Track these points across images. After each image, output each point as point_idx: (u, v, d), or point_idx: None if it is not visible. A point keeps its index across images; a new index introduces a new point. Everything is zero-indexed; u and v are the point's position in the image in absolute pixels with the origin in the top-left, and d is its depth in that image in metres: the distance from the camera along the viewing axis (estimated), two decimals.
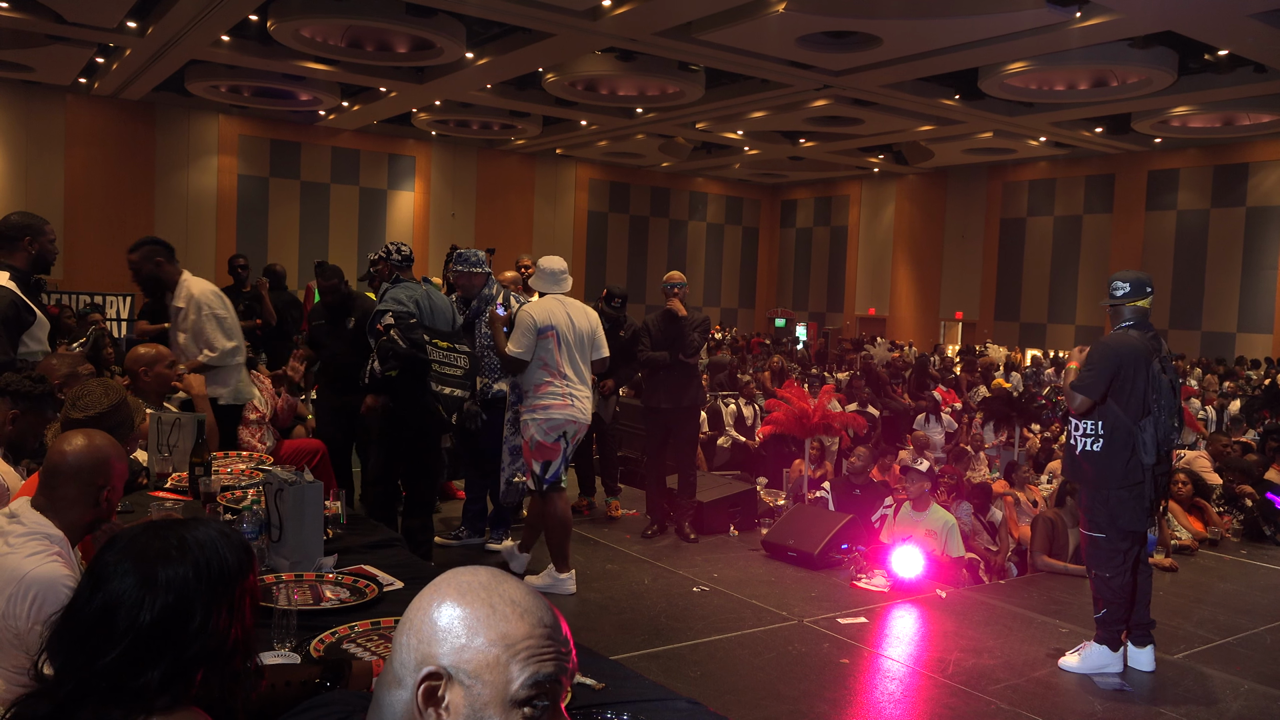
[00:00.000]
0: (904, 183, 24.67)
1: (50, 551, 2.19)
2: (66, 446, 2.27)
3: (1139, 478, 4.15)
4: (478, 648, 1.09)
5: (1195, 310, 19.45)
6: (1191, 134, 17.61)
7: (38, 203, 16.68)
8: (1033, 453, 9.67)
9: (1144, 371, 4.12)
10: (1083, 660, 4.29)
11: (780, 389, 8.79)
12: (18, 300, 3.95)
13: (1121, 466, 4.15)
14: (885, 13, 11.42)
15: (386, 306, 4.92)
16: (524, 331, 4.82)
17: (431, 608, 1.12)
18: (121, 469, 2.34)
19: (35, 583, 2.10)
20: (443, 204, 22.29)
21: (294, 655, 2.21)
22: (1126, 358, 4.12)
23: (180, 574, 1.33)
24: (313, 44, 13.62)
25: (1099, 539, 4.27)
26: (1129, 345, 4.16)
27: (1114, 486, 4.18)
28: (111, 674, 1.29)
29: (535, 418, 4.86)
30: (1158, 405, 4.13)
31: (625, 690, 2.23)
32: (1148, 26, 11.46)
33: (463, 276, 5.48)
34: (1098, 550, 4.28)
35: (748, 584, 5.36)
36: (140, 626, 1.30)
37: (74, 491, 2.25)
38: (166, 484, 3.79)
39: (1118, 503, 4.19)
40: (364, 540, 3.32)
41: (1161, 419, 4.14)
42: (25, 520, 2.23)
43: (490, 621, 1.11)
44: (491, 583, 1.15)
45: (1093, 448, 4.21)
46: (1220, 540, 7.14)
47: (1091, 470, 4.24)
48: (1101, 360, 4.13)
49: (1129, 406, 4.12)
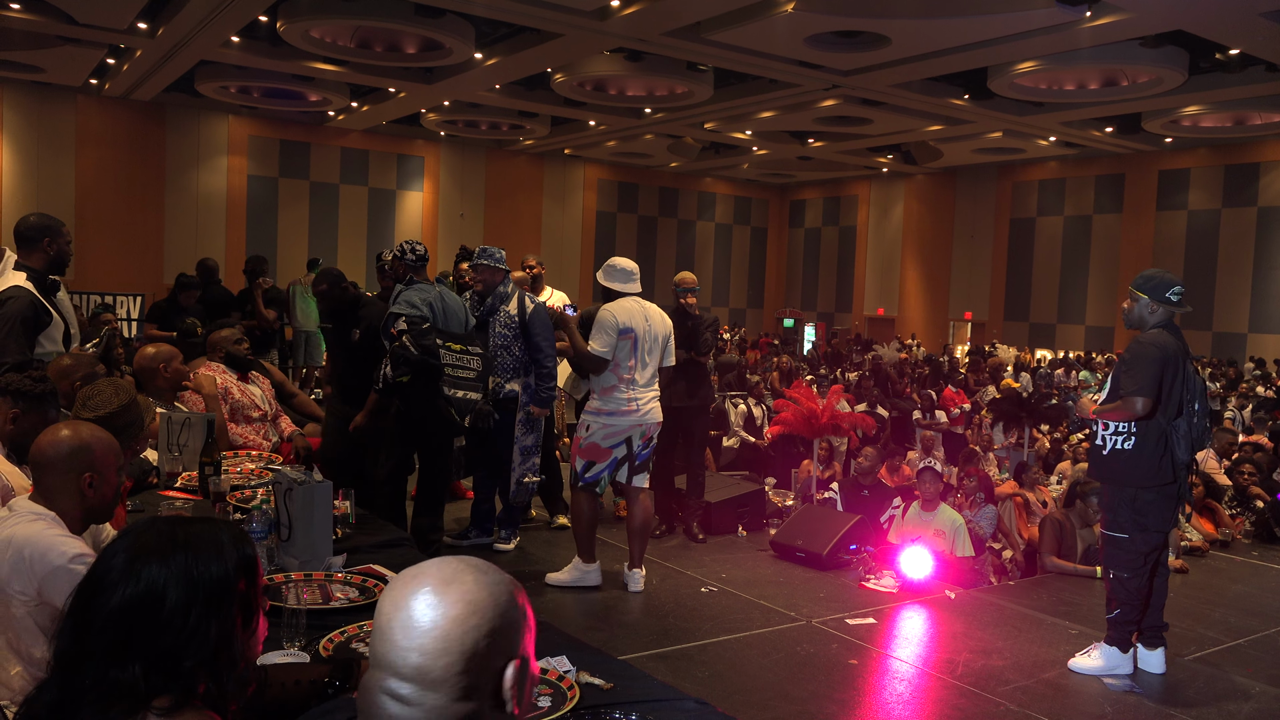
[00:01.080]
0: (913, 183, 24.62)
1: (45, 518, 2.23)
2: (46, 438, 2.29)
3: (1170, 477, 4.12)
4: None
5: (1206, 311, 19.37)
6: (1202, 133, 17.54)
7: (49, 203, 16.77)
8: (1042, 454, 9.64)
9: (1180, 370, 4.12)
10: (1093, 661, 4.26)
11: (789, 389, 8.77)
12: (36, 301, 3.99)
13: (1154, 465, 4.10)
14: (894, 12, 11.40)
15: (400, 310, 4.92)
16: (606, 330, 4.85)
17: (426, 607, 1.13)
18: (108, 459, 2.32)
19: (18, 539, 2.15)
20: (451, 204, 22.33)
21: (303, 654, 2.22)
22: (1168, 357, 4.10)
23: (157, 566, 1.34)
24: (322, 45, 13.66)
25: (1122, 539, 4.20)
26: (1167, 345, 4.14)
27: (1143, 485, 4.13)
28: (95, 664, 1.30)
29: (600, 421, 4.90)
30: (1190, 404, 4.12)
31: (633, 690, 2.23)
32: (1158, 25, 11.42)
33: (485, 271, 5.49)
34: (1119, 551, 4.22)
35: (756, 584, 5.35)
36: (110, 611, 1.31)
37: (56, 481, 2.26)
38: (177, 483, 3.81)
39: (1145, 503, 4.13)
40: (373, 540, 3.34)
41: (1195, 418, 4.12)
42: (20, 508, 2.27)
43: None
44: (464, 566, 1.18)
45: (1124, 446, 4.15)
46: (1232, 542, 7.10)
47: (1122, 469, 4.18)
48: (1148, 361, 4.10)
49: (1165, 405, 4.09)
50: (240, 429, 4.92)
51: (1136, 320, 4.31)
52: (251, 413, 4.99)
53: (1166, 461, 4.10)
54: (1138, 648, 4.29)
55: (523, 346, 5.45)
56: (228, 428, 4.85)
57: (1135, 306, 4.31)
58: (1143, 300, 4.27)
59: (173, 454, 3.88)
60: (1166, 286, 4.26)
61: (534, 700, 2.07)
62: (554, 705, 2.06)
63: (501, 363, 5.46)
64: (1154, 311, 4.26)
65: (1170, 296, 4.26)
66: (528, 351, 5.45)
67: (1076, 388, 15.60)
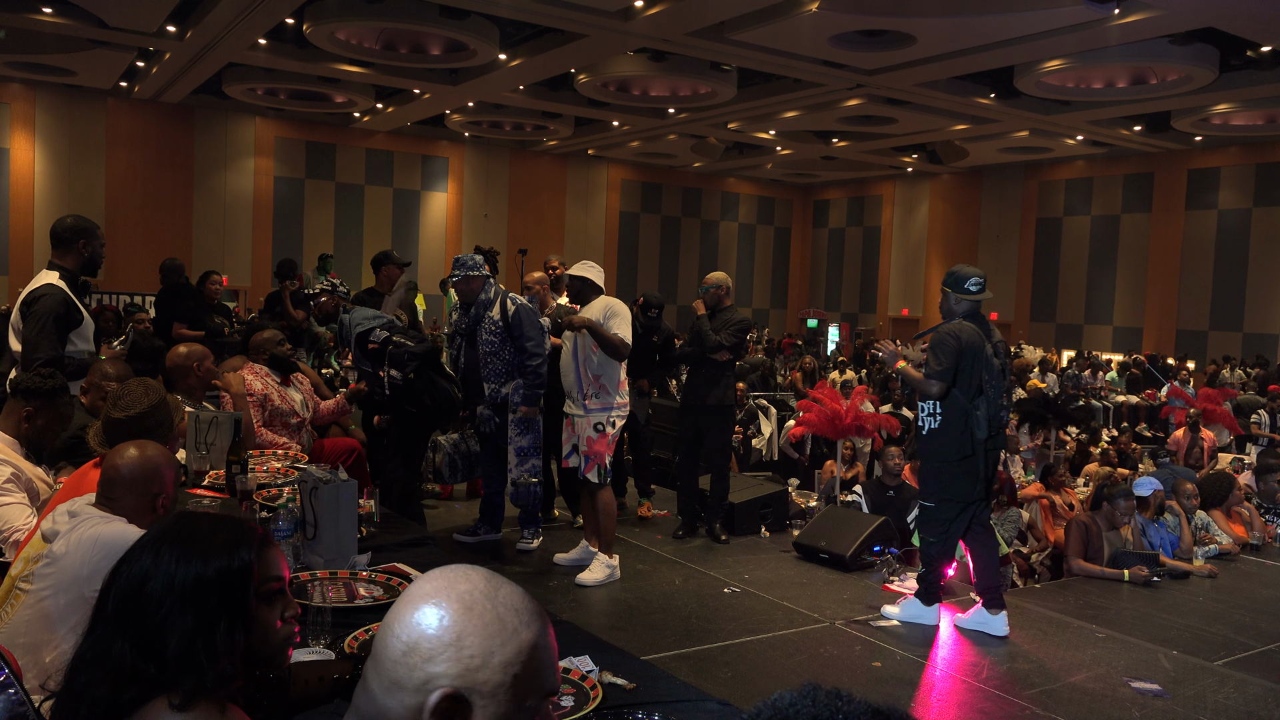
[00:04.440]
0: (938, 182, 24.45)
1: (119, 519, 2.31)
2: (120, 459, 2.38)
3: (969, 451, 4.57)
4: (494, 668, 1.07)
5: (1237, 311, 19.11)
6: (1233, 132, 17.30)
7: (80, 204, 17.00)
8: (1069, 455, 9.55)
9: (980, 356, 4.55)
10: (901, 610, 4.80)
11: (813, 390, 8.75)
12: (68, 299, 4.06)
13: (956, 441, 4.56)
14: (919, 11, 11.33)
15: (366, 326, 5.21)
16: (629, 323, 5.19)
17: (436, 619, 1.08)
18: (172, 475, 2.45)
19: (105, 537, 2.22)
20: (475, 205, 22.42)
21: (328, 652, 2.24)
22: (964, 345, 4.55)
23: (150, 556, 1.41)
24: (347, 47, 13.75)
25: (929, 507, 4.73)
26: (965, 333, 4.58)
27: (946, 460, 4.60)
28: (103, 627, 1.38)
29: (619, 414, 5.18)
30: (990, 386, 4.55)
31: (657, 691, 2.24)
32: (1188, 23, 11.27)
33: (461, 281, 5.52)
34: (927, 517, 4.74)
35: (779, 585, 5.34)
36: (110, 586, 1.41)
37: (132, 501, 2.36)
38: (204, 481, 3.85)
39: (949, 475, 4.61)
40: (397, 539, 3.36)
41: (993, 398, 4.57)
42: (88, 512, 2.34)
43: (502, 637, 1.08)
44: (490, 590, 1.11)
45: (933, 425, 4.64)
46: (1263, 545, 7.02)
47: (931, 445, 4.67)
48: (947, 350, 4.55)
49: (966, 387, 4.55)
50: (276, 435, 4.95)
51: (946, 311, 4.75)
52: (290, 419, 5.05)
53: (966, 437, 4.56)
54: (982, 611, 4.72)
55: (511, 350, 5.47)
56: (264, 432, 4.90)
57: (944, 301, 4.76)
58: (949, 294, 4.71)
59: (200, 452, 3.93)
60: (965, 279, 4.69)
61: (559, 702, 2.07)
62: (577, 705, 2.07)
63: (492, 369, 5.48)
64: (959, 302, 4.68)
65: (969, 287, 4.67)
66: (515, 351, 5.47)
67: (1103, 389, 15.44)
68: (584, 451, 5.11)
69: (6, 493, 3.18)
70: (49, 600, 2.18)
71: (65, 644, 2.10)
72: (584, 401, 5.11)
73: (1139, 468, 9.74)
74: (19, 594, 2.26)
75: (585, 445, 5.10)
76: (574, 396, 5.16)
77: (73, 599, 2.16)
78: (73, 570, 2.18)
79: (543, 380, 5.49)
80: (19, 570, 2.32)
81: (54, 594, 2.18)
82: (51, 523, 2.33)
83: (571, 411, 5.20)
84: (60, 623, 2.16)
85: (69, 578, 2.18)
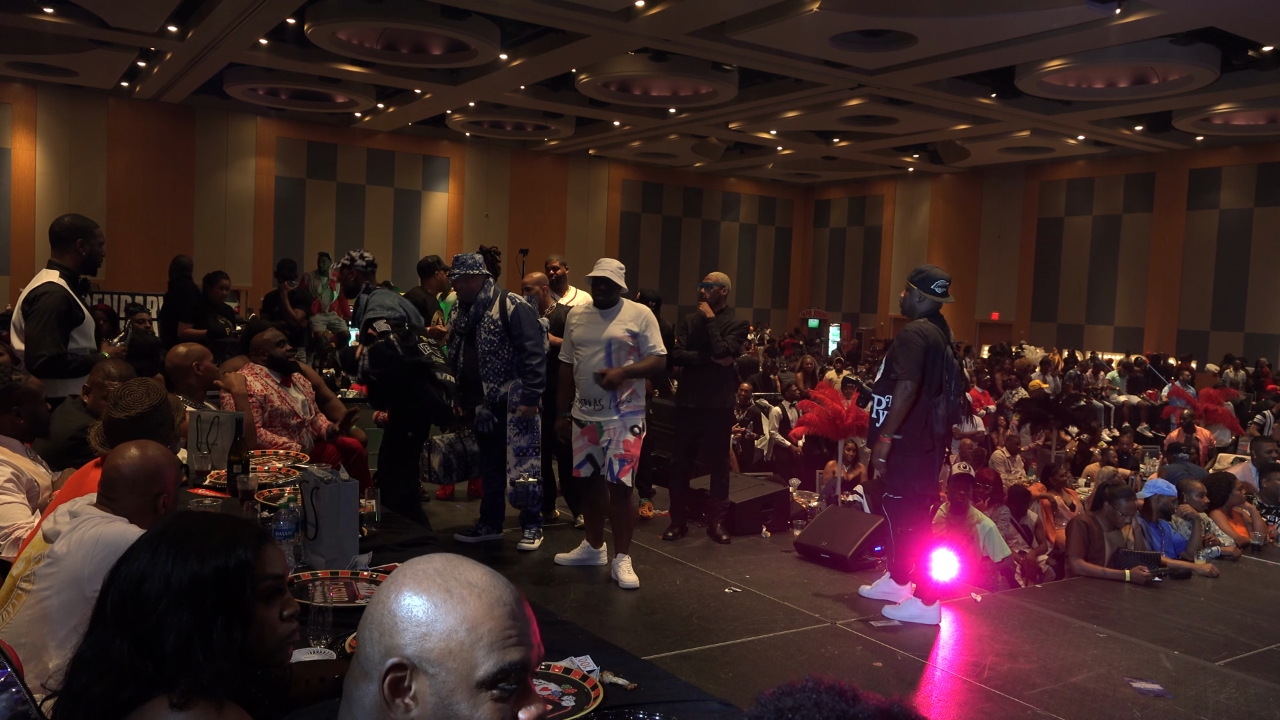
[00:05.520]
0: (939, 182, 24.44)
1: (120, 519, 2.31)
2: (121, 460, 2.38)
3: (930, 446, 4.68)
4: (439, 634, 1.10)
5: (1238, 311, 19.09)
6: (1234, 131, 17.29)
7: (81, 204, 17.00)
8: (1070, 455, 9.55)
9: (941, 355, 4.65)
10: (902, 610, 4.80)
11: (814, 390, 8.74)
12: (69, 297, 4.07)
13: (916, 436, 4.66)
14: (920, 11, 11.32)
15: (378, 314, 5.21)
16: (659, 327, 5.26)
17: (390, 598, 1.13)
18: (173, 475, 2.45)
19: (106, 536, 2.22)
20: (476, 205, 22.42)
21: (329, 652, 2.24)
22: (930, 344, 4.64)
23: (147, 555, 1.42)
24: (348, 47, 13.75)
25: (897, 500, 4.82)
26: (929, 332, 4.68)
27: (908, 454, 4.69)
28: (104, 627, 1.39)
29: (645, 417, 5.23)
30: (949, 384, 4.66)
31: (657, 691, 2.23)
32: (1189, 23, 11.26)
33: (460, 280, 5.51)
34: (899, 510, 4.83)
35: (780, 586, 5.34)
36: (109, 585, 1.42)
37: (133, 502, 2.36)
38: (205, 481, 3.85)
39: (913, 469, 4.72)
40: (398, 539, 3.36)
41: (952, 397, 4.68)
42: (89, 512, 2.34)
43: (448, 606, 1.12)
44: (447, 568, 1.16)
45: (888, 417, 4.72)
46: (1264, 545, 7.01)
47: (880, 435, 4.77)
48: (914, 349, 4.64)
49: (928, 385, 4.65)
50: (276, 436, 4.95)
51: (909, 309, 4.84)
52: (290, 420, 5.04)
53: (926, 433, 4.67)
54: (890, 582, 4.92)
55: (510, 349, 5.46)
56: (264, 433, 4.90)
57: (908, 296, 4.85)
58: (915, 291, 4.80)
59: (202, 452, 3.93)
60: (933, 280, 4.80)
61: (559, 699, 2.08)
62: (578, 705, 2.07)
63: (491, 368, 5.47)
64: (923, 300, 4.78)
65: (935, 289, 4.78)
66: (514, 350, 5.46)
67: (1104, 389, 15.43)
68: (618, 455, 5.05)
69: (6, 492, 3.18)
70: (50, 600, 2.19)
71: (67, 644, 2.09)
72: (617, 405, 5.05)
73: (1140, 468, 9.75)
74: (20, 594, 2.26)
75: (621, 449, 5.05)
76: (603, 403, 5.05)
77: (74, 599, 2.16)
78: (74, 570, 2.18)
79: (542, 379, 5.47)
80: (20, 570, 2.33)
81: (55, 594, 2.19)
82: (53, 523, 2.33)
83: (596, 418, 5.07)
84: (61, 623, 2.16)
85: (70, 578, 2.18)
